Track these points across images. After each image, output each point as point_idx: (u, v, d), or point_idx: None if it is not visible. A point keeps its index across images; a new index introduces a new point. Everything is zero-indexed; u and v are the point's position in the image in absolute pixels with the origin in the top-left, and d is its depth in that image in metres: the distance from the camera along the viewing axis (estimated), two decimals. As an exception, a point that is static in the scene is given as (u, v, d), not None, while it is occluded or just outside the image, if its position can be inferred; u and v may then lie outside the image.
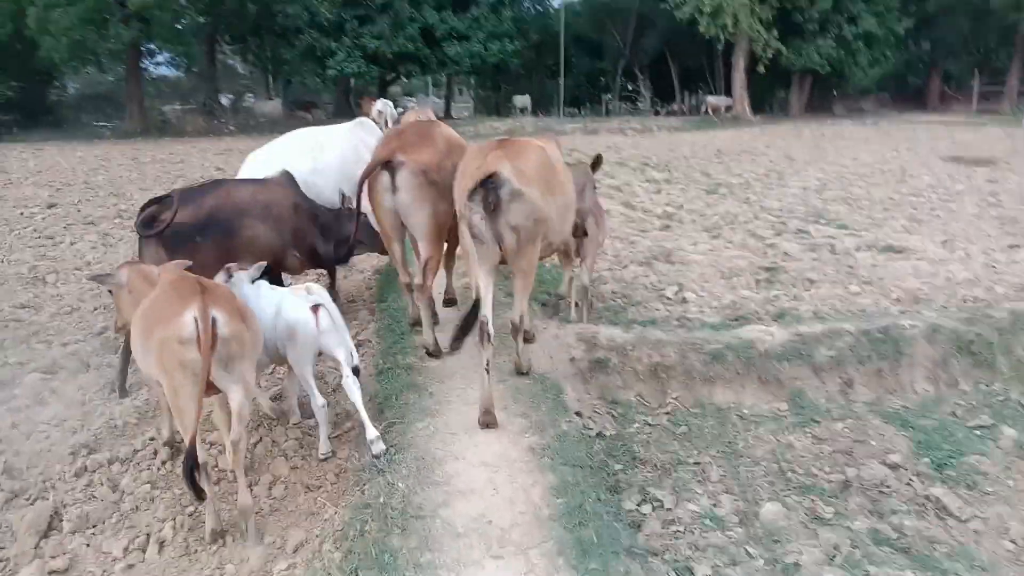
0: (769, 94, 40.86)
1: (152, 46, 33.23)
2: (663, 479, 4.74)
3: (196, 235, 5.06)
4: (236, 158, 19.98)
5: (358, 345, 5.64)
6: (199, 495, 3.48)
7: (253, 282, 4.38)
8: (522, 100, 39.67)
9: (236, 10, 29.79)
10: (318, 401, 4.32)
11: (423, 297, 5.25)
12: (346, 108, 34.67)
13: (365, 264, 8.44)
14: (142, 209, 5.24)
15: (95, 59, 28.57)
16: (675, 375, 5.69)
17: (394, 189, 4.89)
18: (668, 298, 6.99)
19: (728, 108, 35.33)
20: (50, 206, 12.12)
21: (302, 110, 38.74)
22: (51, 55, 25.35)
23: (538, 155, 4.49)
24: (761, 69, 32.24)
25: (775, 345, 5.80)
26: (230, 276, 4.27)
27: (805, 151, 19.80)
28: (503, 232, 4.21)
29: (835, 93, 46.21)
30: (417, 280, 5.25)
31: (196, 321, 3.19)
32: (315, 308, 4.14)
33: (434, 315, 5.51)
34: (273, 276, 5.44)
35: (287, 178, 5.91)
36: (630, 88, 40.57)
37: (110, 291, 4.53)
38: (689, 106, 43.09)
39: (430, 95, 65.08)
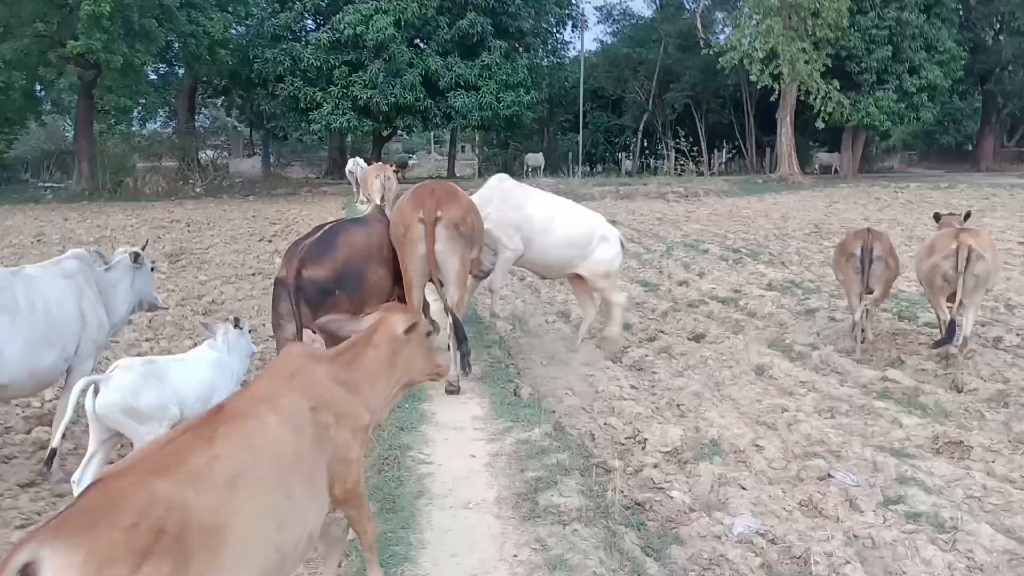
0: (803, 151, 36.78)
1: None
2: None
3: None
4: (177, 234, 15.10)
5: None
6: None
7: None
8: (535, 159, 35.30)
9: (201, 55, 25.17)
10: None
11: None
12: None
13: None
14: None
15: (34, 110, 23.92)
16: None
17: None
18: None
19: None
20: None
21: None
22: (-30, 104, 20.81)
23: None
24: (820, 124, 27.98)
25: None
26: None
27: (922, 219, 15.08)
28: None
29: (875, 150, 42.11)
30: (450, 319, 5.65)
31: None
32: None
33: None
34: None
35: None
36: (670, 145, 36.39)
37: None
38: (717, 165, 38.96)
39: (432, 152, 61.32)
